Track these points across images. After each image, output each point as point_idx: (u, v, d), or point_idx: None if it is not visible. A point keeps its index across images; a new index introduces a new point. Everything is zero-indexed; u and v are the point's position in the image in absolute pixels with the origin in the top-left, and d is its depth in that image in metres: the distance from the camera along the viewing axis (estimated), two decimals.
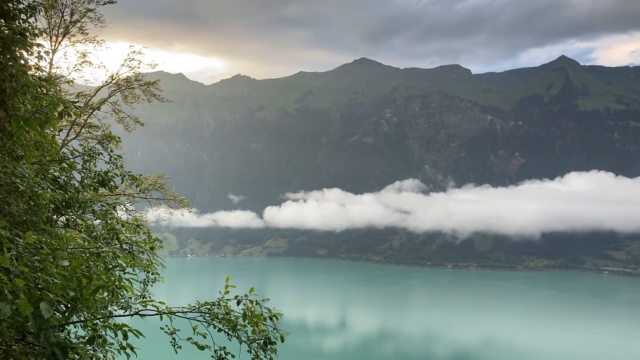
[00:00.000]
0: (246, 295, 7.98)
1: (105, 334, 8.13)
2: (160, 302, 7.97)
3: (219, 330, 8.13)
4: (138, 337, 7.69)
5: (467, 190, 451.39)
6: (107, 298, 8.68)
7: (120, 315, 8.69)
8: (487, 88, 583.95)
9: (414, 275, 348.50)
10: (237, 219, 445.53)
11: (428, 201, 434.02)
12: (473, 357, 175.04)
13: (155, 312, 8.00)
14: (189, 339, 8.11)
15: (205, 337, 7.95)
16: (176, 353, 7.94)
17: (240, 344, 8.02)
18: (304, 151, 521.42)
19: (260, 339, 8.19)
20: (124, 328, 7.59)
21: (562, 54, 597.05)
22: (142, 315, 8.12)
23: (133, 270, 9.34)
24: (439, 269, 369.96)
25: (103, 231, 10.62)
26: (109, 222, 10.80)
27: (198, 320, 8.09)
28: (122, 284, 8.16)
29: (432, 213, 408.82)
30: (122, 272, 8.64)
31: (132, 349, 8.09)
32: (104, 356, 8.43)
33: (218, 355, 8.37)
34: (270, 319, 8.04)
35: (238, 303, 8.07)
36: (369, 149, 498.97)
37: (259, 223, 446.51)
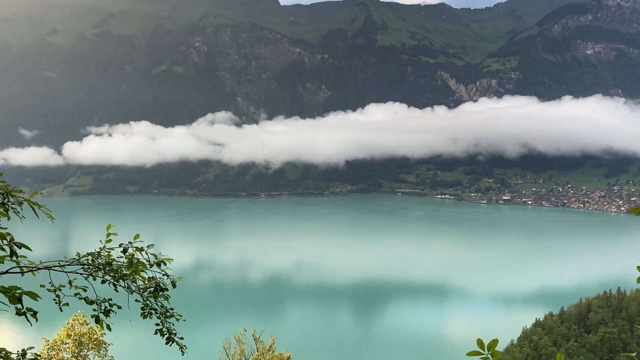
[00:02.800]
0: (130, 243, 7.41)
1: None
2: (21, 257, 6.86)
3: (103, 282, 7.53)
4: (37, 300, 6.68)
5: (278, 122, 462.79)
6: None
7: None
8: (295, 20, 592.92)
9: (229, 206, 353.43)
10: (32, 156, 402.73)
11: (241, 133, 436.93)
12: (286, 278, 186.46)
13: (33, 268, 6.89)
14: (76, 294, 7.36)
15: (85, 291, 7.34)
16: (61, 311, 7.23)
17: (131, 293, 7.61)
18: (107, 81, 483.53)
19: (151, 287, 7.79)
20: (16, 291, 6.48)
21: None
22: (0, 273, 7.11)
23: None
24: (253, 199, 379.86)
25: None
26: None
27: (78, 273, 7.33)
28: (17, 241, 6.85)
29: (245, 145, 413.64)
30: None
31: (34, 314, 6.75)
32: None
33: (103, 308, 7.73)
34: (158, 265, 7.58)
35: (124, 251, 7.44)
36: (178, 80, 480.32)
37: (58, 160, 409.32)
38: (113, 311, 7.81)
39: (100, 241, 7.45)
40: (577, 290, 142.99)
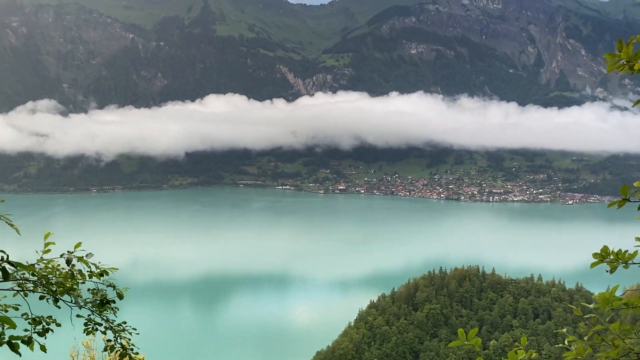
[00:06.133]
0: (69, 252, 6.60)
1: None
2: None
3: (41, 297, 6.61)
4: (15, 327, 5.96)
5: (110, 111, 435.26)
6: None
7: None
8: (128, 5, 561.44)
9: (55, 202, 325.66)
10: None
11: (68, 123, 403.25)
12: (124, 277, 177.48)
13: None
14: (23, 314, 6.46)
15: (17, 309, 6.43)
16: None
17: (80, 308, 6.87)
18: None
19: (97, 299, 7.01)
20: None
21: None
22: None
23: None
24: (83, 194, 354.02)
25: None
26: None
27: (14, 290, 6.43)
28: None
29: (73, 136, 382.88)
30: None
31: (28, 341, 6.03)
32: None
33: (42, 327, 6.65)
34: (101, 275, 6.80)
35: (68, 262, 6.60)
36: None
37: None
38: (51, 330, 6.81)
39: (37, 252, 6.69)
40: (406, 271, 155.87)
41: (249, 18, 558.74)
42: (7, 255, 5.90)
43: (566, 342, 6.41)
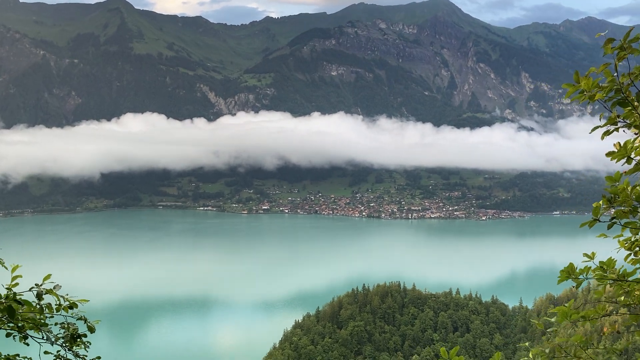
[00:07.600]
0: (37, 285, 6.17)
1: None
2: None
3: (8, 335, 6.17)
4: None
5: (18, 130, 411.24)
6: None
7: None
8: (39, 20, 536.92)
9: None
10: None
11: None
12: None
13: None
14: None
15: None
16: None
17: (52, 344, 6.44)
18: None
19: (68, 334, 6.58)
20: None
21: None
22: None
23: None
24: None
25: None
26: None
27: None
28: None
29: None
30: None
31: None
32: None
33: None
34: (70, 308, 6.39)
35: (39, 296, 6.15)
36: None
37: None
38: None
39: (2, 285, 6.32)
40: (330, 289, 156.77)
41: (168, 36, 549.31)
42: None
43: (531, 355, 6.67)
